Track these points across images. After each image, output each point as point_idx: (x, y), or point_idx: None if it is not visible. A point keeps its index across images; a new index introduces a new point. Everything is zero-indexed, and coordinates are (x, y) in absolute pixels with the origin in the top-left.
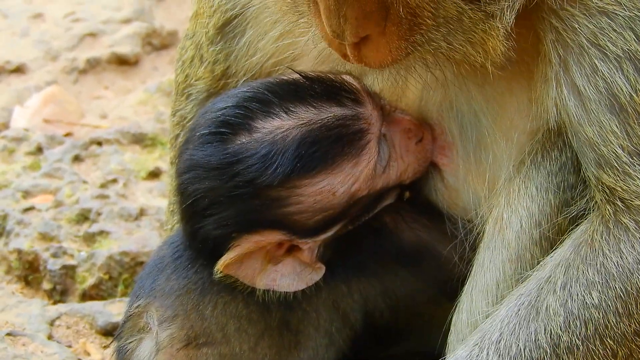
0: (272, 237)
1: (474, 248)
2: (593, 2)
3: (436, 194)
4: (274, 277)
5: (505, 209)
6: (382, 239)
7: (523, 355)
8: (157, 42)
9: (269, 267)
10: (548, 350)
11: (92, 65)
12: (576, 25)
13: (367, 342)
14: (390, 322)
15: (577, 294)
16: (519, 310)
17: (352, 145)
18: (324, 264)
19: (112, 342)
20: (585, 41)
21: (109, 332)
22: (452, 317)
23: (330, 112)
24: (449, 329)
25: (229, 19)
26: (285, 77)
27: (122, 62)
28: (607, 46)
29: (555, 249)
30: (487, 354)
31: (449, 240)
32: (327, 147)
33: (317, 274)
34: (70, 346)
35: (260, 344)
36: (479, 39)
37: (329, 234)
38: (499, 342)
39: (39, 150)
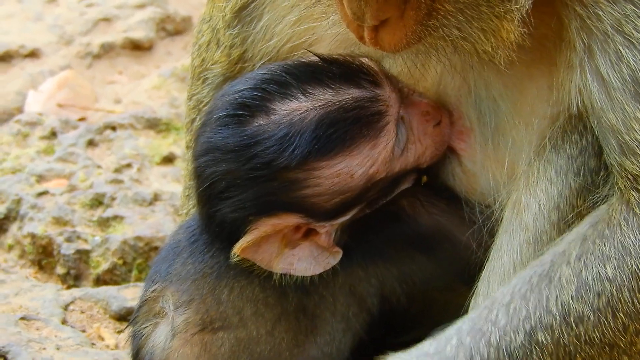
0: (289, 220)
1: (492, 234)
2: None
3: (454, 178)
4: (291, 261)
5: (523, 192)
6: (400, 223)
7: (532, 319)
8: (171, 28)
9: (286, 251)
10: (558, 317)
11: (106, 50)
12: (600, 13)
13: (384, 327)
14: (406, 307)
15: (592, 266)
16: (532, 277)
17: (370, 127)
18: (341, 248)
19: (127, 326)
20: (609, 28)
21: (123, 317)
22: (469, 302)
23: (349, 94)
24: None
25: (246, 2)
26: (303, 60)
27: (136, 47)
28: (632, 33)
29: (573, 227)
30: (497, 314)
31: (467, 226)
32: (345, 129)
33: (334, 258)
34: (84, 331)
35: (277, 328)
36: (493, 27)
37: (347, 217)
38: (509, 305)
39: (53, 134)
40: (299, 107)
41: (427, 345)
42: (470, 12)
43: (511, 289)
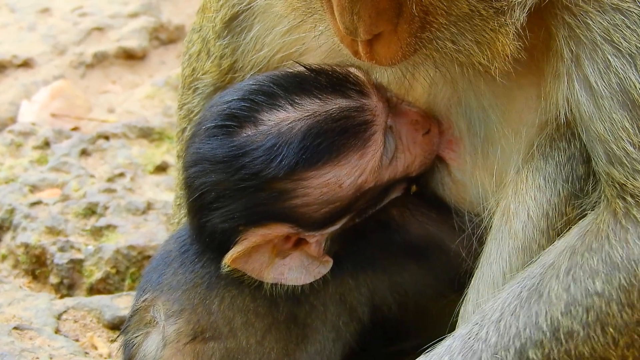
0: (279, 230)
1: (481, 242)
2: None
3: (443, 188)
4: (281, 270)
5: (512, 200)
6: (390, 232)
7: (522, 336)
8: (165, 37)
9: (276, 261)
10: (548, 333)
11: (100, 59)
12: (590, 22)
13: (375, 337)
14: (398, 316)
15: (581, 281)
16: (521, 292)
17: (357, 137)
18: (331, 258)
19: (118, 336)
20: (598, 37)
21: (116, 326)
22: (459, 309)
23: (335, 104)
24: (456, 323)
25: (236, 13)
26: (290, 70)
27: (130, 56)
28: (621, 42)
29: (562, 237)
30: (487, 332)
31: (457, 234)
32: (333, 139)
33: (324, 267)
34: (77, 340)
35: (267, 338)
36: (488, 39)
37: (337, 227)
38: (499, 322)
39: (46, 144)
40: (286, 118)
41: None
42: (464, 25)
43: (500, 304)
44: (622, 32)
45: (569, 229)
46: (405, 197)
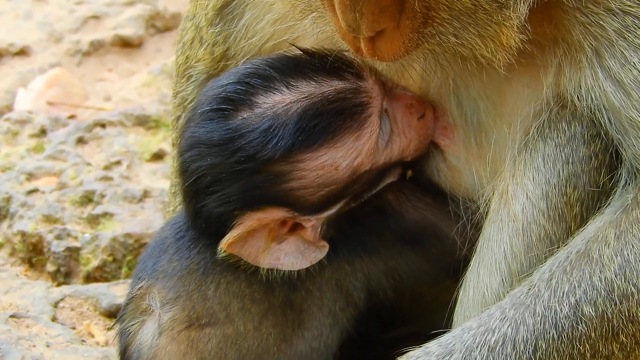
0: (275, 214)
1: (477, 228)
2: (614, 4)
3: (438, 174)
4: (277, 255)
5: (510, 182)
6: (386, 217)
7: (577, 293)
8: (161, 25)
9: (272, 246)
10: (603, 292)
11: (96, 47)
12: (603, 23)
13: (372, 323)
14: (393, 302)
15: (633, 245)
16: (569, 256)
17: (353, 119)
18: (327, 243)
19: (114, 324)
20: (613, 35)
21: (113, 313)
22: (457, 295)
23: (331, 86)
24: (453, 309)
25: (227, 0)
26: (286, 53)
27: (126, 44)
28: (634, 40)
29: (588, 224)
30: (539, 289)
31: (453, 220)
32: (329, 121)
33: (320, 252)
34: (74, 328)
35: (264, 323)
36: (491, 32)
37: (332, 211)
38: (550, 280)
39: (43, 132)
40: (282, 100)
41: (470, 322)
42: (467, 19)
43: (548, 267)
44: (635, 32)
45: (574, 212)
46: (400, 183)
